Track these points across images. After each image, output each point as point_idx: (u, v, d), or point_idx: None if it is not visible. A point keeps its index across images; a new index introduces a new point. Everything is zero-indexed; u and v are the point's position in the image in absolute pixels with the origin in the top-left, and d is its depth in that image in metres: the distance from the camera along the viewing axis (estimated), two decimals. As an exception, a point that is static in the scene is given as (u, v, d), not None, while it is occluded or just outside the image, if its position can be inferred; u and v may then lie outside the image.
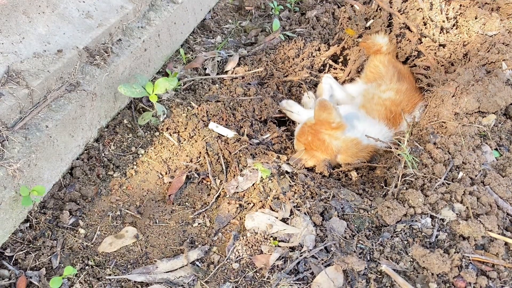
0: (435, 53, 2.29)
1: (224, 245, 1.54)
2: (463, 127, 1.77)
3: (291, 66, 2.46)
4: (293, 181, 1.70)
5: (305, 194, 1.65)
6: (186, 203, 1.71)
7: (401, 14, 2.42)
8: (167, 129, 1.98)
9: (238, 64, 2.44)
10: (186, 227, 1.62)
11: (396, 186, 1.65)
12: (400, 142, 1.77)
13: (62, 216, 1.56)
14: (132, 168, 1.81)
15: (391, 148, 1.84)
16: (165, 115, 2.01)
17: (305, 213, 1.57)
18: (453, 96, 1.84)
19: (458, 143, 1.71)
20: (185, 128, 1.97)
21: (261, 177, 1.71)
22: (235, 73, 2.35)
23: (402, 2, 2.49)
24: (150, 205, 1.69)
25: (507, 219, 1.53)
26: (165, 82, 1.96)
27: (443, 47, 2.31)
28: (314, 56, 2.52)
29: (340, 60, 2.63)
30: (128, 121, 2.01)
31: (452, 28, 2.33)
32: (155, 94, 1.94)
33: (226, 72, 2.39)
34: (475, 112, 1.83)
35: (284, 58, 2.48)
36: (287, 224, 1.55)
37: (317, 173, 1.86)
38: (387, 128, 2.00)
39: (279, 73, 2.39)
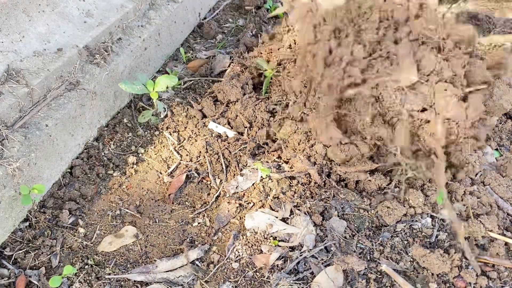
0: None
1: (224, 245, 1.54)
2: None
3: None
4: (293, 181, 1.70)
5: (305, 193, 1.65)
6: (186, 203, 1.71)
7: None
8: (167, 128, 1.98)
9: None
10: (186, 226, 1.61)
11: (396, 186, 1.64)
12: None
13: (62, 215, 1.56)
14: (132, 167, 1.81)
15: None
16: (165, 112, 2.01)
17: (305, 213, 1.57)
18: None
19: (459, 143, 1.70)
20: (185, 128, 1.97)
21: (261, 176, 1.71)
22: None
23: None
24: (150, 205, 1.69)
25: (507, 219, 1.53)
26: (166, 79, 1.96)
27: None
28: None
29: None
30: (128, 120, 2.01)
31: None
32: (156, 92, 1.93)
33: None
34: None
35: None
36: (287, 223, 1.55)
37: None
38: None
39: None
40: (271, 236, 1.53)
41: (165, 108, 2.01)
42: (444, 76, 1.66)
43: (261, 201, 1.64)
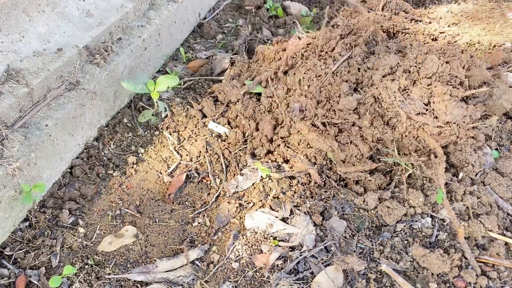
0: None
1: (224, 245, 1.54)
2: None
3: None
4: (293, 180, 1.70)
5: (305, 193, 1.65)
6: (186, 202, 1.71)
7: None
8: (167, 128, 1.98)
9: (238, 63, 2.43)
10: (186, 226, 1.61)
11: (396, 186, 1.64)
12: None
13: (62, 215, 1.56)
14: (132, 167, 1.81)
15: None
16: (166, 112, 2.01)
17: (305, 213, 1.57)
18: None
19: (459, 143, 1.70)
20: (185, 127, 1.97)
21: (261, 176, 1.71)
22: (235, 72, 2.34)
23: None
24: (150, 204, 1.69)
25: (507, 219, 1.53)
26: (167, 79, 1.96)
27: None
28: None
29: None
30: (128, 120, 2.01)
31: None
32: (157, 92, 1.94)
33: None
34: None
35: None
36: (287, 223, 1.55)
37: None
38: None
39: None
40: (271, 236, 1.53)
41: (165, 108, 2.01)
42: (445, 78, 1.66)
43: (261, 201, 1.64)
